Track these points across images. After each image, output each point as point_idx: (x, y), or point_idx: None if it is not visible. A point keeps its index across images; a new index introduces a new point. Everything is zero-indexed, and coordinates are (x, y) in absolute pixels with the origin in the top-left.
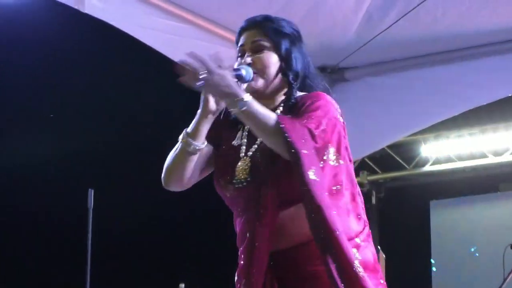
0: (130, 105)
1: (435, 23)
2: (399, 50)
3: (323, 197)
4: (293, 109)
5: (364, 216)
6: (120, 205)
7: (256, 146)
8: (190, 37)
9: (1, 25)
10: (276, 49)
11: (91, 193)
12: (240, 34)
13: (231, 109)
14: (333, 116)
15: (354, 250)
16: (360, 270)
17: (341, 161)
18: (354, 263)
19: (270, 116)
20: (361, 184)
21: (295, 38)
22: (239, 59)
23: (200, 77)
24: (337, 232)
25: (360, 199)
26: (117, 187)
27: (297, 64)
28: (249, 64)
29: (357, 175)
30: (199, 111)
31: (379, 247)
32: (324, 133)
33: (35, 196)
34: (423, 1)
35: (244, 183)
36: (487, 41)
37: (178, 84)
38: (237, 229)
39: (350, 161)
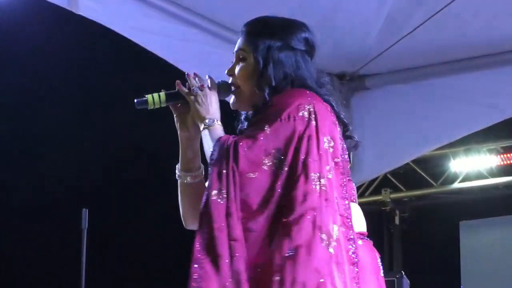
0: (126, 120)
1: (464, 26)
2: (425, 56)
3: (220, 222)
4: (264, 110)
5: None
6: (115, 225)
7: None
8: (193, 40)
9: None
10: (254, 59)
11: (86, 213)
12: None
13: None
14: (289, 115)
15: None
16: None
17: (286, 168)
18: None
19: (217, 137)
20: (383, 203)
21: (282, 40)
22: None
23: (191, 94)
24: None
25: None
26: (112, 207)
27: (276, 73)
28: (230, 75)
29: (378, 193)
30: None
31: (402, 272)
32: (267, 140)
33: (29, 217)
34: (450, 2)
35: None
36: None
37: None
38: None
39: (306, 176)
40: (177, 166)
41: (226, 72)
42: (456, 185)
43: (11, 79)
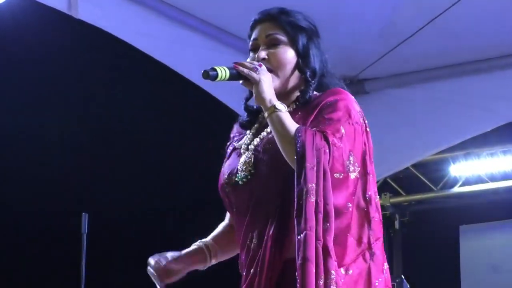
0: (126, 126)
1: (464, 30)
2: (425, 60)
3: (311, 217)
4: (308, 107)
5: (373, 249)
6: (115, 230)
7: (259, 139)
8: (193, 44)
9: None
10: (293, 44)
11: (86, 217)
12: (253, 27)
13: (264, 111)
14: (355, 119)
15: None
16: None
17: (358, 175)
18: (320, 284)
19: (291, 126)
20: (383, 207)
21: (313, 33)
22: (251, 53)
23: (254, 73)
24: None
25: (371, 226)
26: (112, 211)
27: (315, 61)
28: (263, 59)
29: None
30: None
31: (402, 276)
32: (343, 141)
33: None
34: (451, 6)
35: (248, 177)
36: None
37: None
38: (241, 235)
39: (368, 174)
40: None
41: (255, 58)
42: (456, 189)
43: (10, 82)
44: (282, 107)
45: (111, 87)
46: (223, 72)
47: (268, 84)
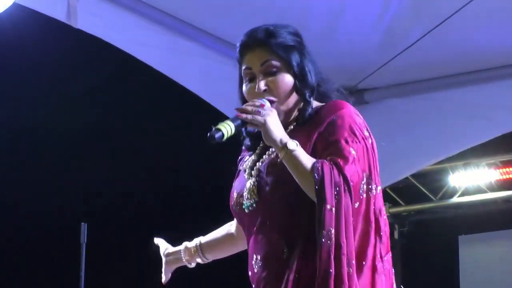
0: (127, 137)
1: (464, 40)
2: (424, 70)
3: (330, 262)
4: (309, 122)
5: (384, 264)
6: (114, 239)
7: (261, 163)
8: (192, 54)
9: None
10: (288, 67)
11: (85, 227)
12: (242, 53)
13: (278, 153)
14: (360, 135)
15: None
16: None
17: (370, 193)
18: None
19: (307, 162)
20: None
21: (301, 46)
22: (248, 83)
23: (258, 116)
24: None
25: (382, 240)
26: (111, 221)
27: (312, 76)
28: (264, 91)
29: None
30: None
31: (402, 286)
32: (356, 165)
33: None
34: (450, 16)
35: (254, 204)
36: None
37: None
38: (248, 250)
39: (377, 184)
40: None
41: (256, 90)
42: (455, 199)
43: (10, 91)
44: (294, 145)
45: (111, 97)
46: (227, 128)
47: (275, 123)
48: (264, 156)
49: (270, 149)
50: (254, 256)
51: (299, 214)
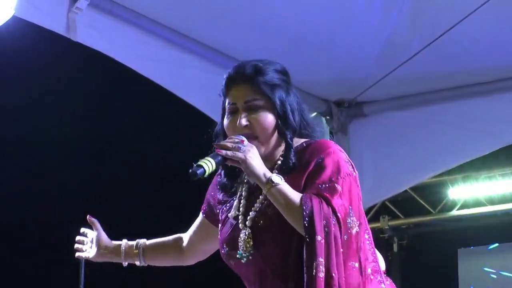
0: (126, 144)
1: (462, 53)
2: (423, 83)
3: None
4: (295, 169)
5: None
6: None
7: (254, 213)
8: (190, 67)
9: None
10: (272, 106)
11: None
12: (228, 87)
13: (262, 187)
14: (345, 172)
15: None
16: None
17: (358, 229)
18: None
19: (294, 197)
20: (381, 230)
21: (287, 84)
22: (230, 116)
23: (238, 153)
24: None
25: (367, 269)
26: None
27: (295, 117)
28: (245, 126)
29: (377, 220)
30: None
31: None
32: (343, 199)
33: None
34: (448, 30)
35: (250, 257)
36: None
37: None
38: None
39: (362, 222)
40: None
41: (237, 125)
42: (455, 212)
43: (14, 99)
44: (278, 179)
45: (110, 107)
46: (208, 164)
47: (256, 158)
48: (256, 205)
49: (260, 196)
50: None
51: (296, 256)
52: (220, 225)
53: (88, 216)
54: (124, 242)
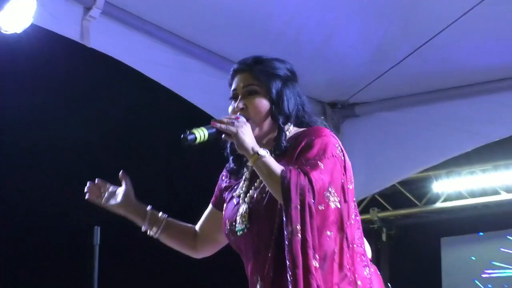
0: (137, 140)
1: (447, 58)
2: (410, 85)
3: (298, 255)
4: (288, 149)
5: (353, 268)
6: (128, 243)
7: (253, 191)
8: (194, 70)
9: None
10: (267, 93)
11: (98, 230)
12: (232, 77)
13: (249, 160)
14: (331, 153)
15: None
16: None
17: (338, 205)
18: None
19: (276, 168)
20: (371, 221)
21: (288, 78)
22: (232, 102)
23: (231, 127)
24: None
25: (350, 248)
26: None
27: (289, 105)
28: (241, 109)
29: (367, 212)
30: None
31: (389, 284)
32: (323, 174)
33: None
34: (434, 36)
35: (245, 230)
36: (500, 76)
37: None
38: (248, 273)
39: (346, 201)
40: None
41: (235, 108)
42: (438, 205)
43: (28, 100)
44: (264, 153)
45: (123, 112)
46: (201, 133)
47: (247, 134)
48: (255, 184)
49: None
50: (254, 278)
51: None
52: (226, 201)
53: (121, 171)
54: (149, 207)
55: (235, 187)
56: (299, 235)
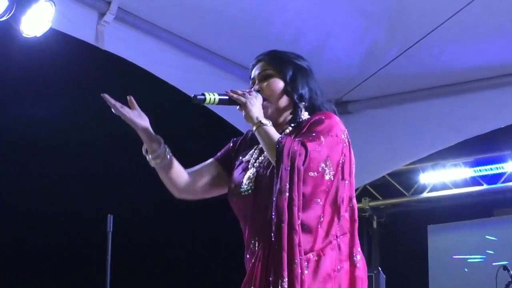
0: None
1: (432, 60)
2: (398, 85)
3: (284, 211)
4: (300, 127)
5: (340, 237)
6: (139, 231)
7: (261, 159)
8: (201, 72)
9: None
10: (281, 74)
11: (111, 218)
12: (251, 69)
13: (252, 127)
14: (335, 133)
15: (305, 264)
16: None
17: (332, 178)
18: (294, 268)
19: (274, 135)
20: (363, 210)
21: (301, 67)
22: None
23: (242, 97)
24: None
25: (340, 222)
26: (136, 213)
27: (303, 87)
28: (258, 91)
29: (359, 201)
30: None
31: (379, 268)
32: (322, 147)
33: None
34: (419, 40)
35: (249, 191)
36: (479, 77)
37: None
38: (245, 238)
39: (343, 179)
40: (147, 156)
41: (254, 89)
42: (425, 194)
43: (47, 100)
44: (267, 122)
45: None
46: (211, 96)
47: (256, 105)
48: (264, 154)
49: None
50: (252, 239)
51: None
52: (235, 167)
53: (129, 97)
54: (162, 140)
55: (246, 154)
56: (287, 193)
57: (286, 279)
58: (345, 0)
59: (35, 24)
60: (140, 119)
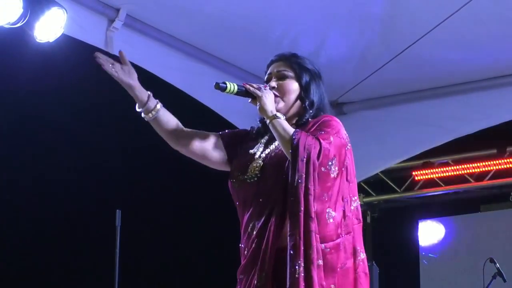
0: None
1: (422, 64)
2: (391, 87)
3: (300, 199)
4: (305, 126)
5: (345, 236)
6: (147, 225)
7: (268, 150)
8: (206, 75)
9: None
10: (298, 79)
11: (119, 213)
12: (268, 65)
13: (266, 120)
14: (342, 135)
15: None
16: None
17: (336, 176)
18: (310, 254)
19: (289, 129)
20: None
21: (315, 74)
22: (265, 82)
23: (258, 91)
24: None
25: (345, 221)
26: (144, 208)
27: (314, 94)
28: (272, 88)
29: None
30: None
31: (373, 261)
32: (331, 146)
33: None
34: (411, 45)
35: (255, 178)
36: (466, 80)
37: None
38: (243, 224)
39: (348, 181)
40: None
41: (270, 85)
42: (416, 191)
43: (57, 104)
44: (281, 115)
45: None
46: (231, 86)
47: (270, 99)
48: (271, 146)
49: (276, 142)
50: (251, 224)
51: (285, 187)
52: (238, 156)
53: (120, 52)
54: (150, 93)
55: (253, 145)
56: (303, 183)
57: (303, 264)
58: (341, 7)
59: (48, 30)
60: (127, 77)
